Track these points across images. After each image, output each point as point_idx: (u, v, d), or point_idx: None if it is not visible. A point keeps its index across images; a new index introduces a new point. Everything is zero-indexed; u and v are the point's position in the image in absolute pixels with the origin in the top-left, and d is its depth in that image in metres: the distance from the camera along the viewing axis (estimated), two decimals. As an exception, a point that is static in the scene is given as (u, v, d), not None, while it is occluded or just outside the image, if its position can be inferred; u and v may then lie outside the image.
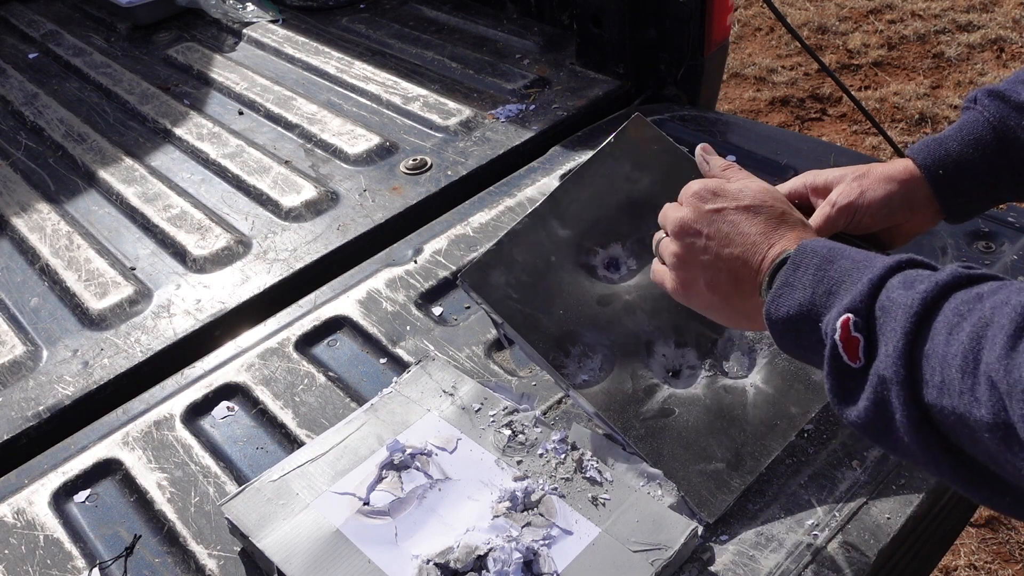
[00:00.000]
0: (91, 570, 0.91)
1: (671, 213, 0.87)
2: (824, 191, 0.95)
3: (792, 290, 0.70)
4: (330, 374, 1.12)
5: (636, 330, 0.99)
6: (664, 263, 0.88)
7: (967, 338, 0.56)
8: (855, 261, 0.69)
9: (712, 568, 0.85)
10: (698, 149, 0.95)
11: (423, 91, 1.73)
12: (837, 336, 0.63)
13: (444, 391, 1.02)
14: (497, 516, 0.87)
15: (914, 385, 0.58)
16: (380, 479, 0.92)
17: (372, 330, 1.17)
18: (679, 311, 0.98)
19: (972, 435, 0.55)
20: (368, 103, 1.73)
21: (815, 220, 0.94)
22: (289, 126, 1.67)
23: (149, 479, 1.00)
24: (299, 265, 1.32)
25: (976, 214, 0.94)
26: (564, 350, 0.99)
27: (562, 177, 1.44)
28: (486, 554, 0.83)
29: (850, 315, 0.63)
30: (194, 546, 0.92)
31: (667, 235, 0.87)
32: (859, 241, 0.95)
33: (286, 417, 1.06)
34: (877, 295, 0.63)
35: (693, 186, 0.87)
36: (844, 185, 0.93)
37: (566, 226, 1.04)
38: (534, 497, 0.89)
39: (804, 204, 0.98)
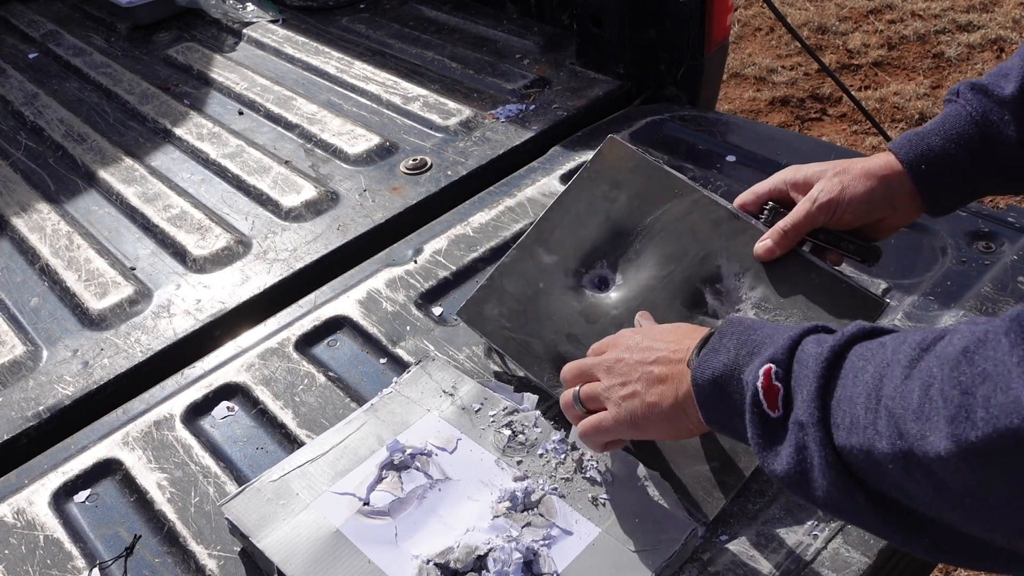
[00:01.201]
0: (91, 570, 0.91)
1: (585, 365, 0.87)
2: (804, 187, 0.95)
3: (717, 354, 0.71)
4: (330, 374, 1.12)
5: None
6: (582, 410, 0.86)
7: (870, 378, 0.57)
8: (776, 328, 0.71)
9: (712, 568, 0.85)
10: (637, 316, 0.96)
11: (423, 91, 1.73)
12: (759, 383, 0.65)
13: (444, 391, 1.02)
14: (497, 516, 0.87)
15: (827, 428, 0.59)
16: (380, 479, 0.92)
17: (372, 330, 1.17)
18: (666, 319, 0.99)
19: (878, 469, 0.56)
20: (368, 103, 1.73)
21: (795, 216, 0.94)
22: (289, 126, 1.67)
23: (149, 479, 1.00)
24: (299, 265, 1.32)
25: (959, 207, 0.94)
26: (559, 370, 0.99)
27: (562, 177, 1.44)
28: (486, 554, 0.83)
29: (771, 365, 0.65)
30: (194, 546, 0.92)
31: (578, 389, 0.86)
32: (844, 236, 0.95)
33: (286, 417, 1.06)
34: (795, 350, 0.65)
35: (616, 335, 0.88)
36: (825, 181, 0.93)
37: (552, 252, 1.08)
38: (534, 497, 0.89)
39: (785, 200, 0.98)
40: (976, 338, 0.50)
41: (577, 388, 0.87)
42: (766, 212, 0.98)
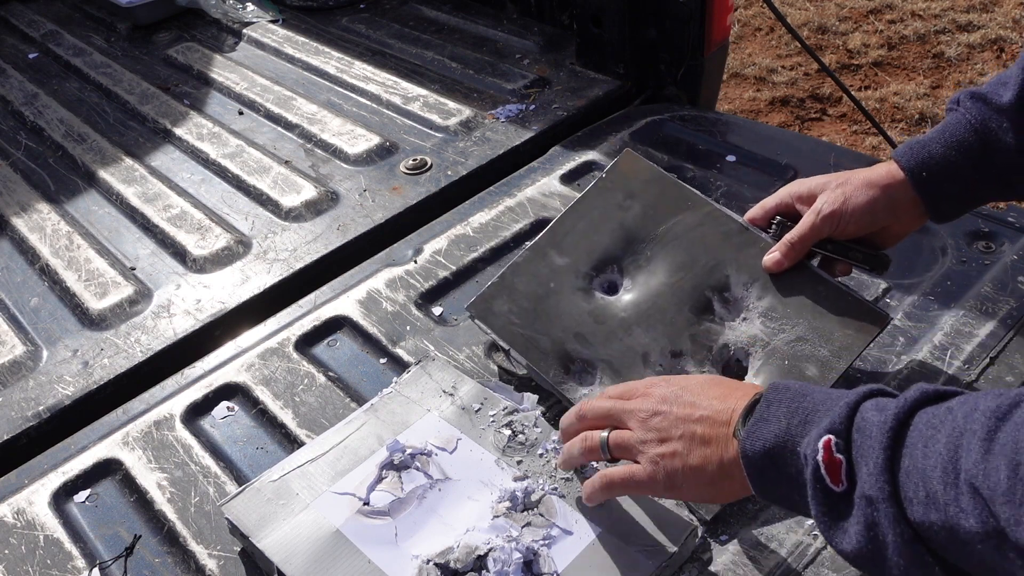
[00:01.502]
0: (91, 570, 0.91)
1: (615, 409, 0.82)
2: (809, 199, 0.96)
3: (767, 424, 0.68)
4: (330, 374, 1.12)
5: (632, 344, 1.02)
6: (607, 457, 0.82)
7: (944, 448, 0.55)
8: (827, 393, 0.68)
9: (712, 568, 0.85)
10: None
11: (423, 91, 1.73)
12: (820, 457, 0.61)
13: (444, 391, 1.02)
14: (497, 516, 0.87)
15: (899, 503, 0.57)
16: (380, 479, 0.92)
17: (372, 330, 1.17)
18: (674, 324, 1.01)
19: (964, 548, 0.54)
20: (368, 103, 1.73)
21: (801, 228, 0.96)
22: (289, 126, 1.67)
23: (149, 479, 1.00)
24: (299, 265, 1.32)
25: (961, 214, 0.95)
26: (564, 368, 1.01)
27: (562, 177, 1.44)
28: (486, 554, 0.83)
29: (831, 436, 0.62)
30: (194, 546, 0.92)
31: (610, 430, 0.82)
32: (852, 246, 0.96)
33: (286, 417, 1.06)
34: (854, 417, 0.62)
35: (643, 381, 0.83)
36: (828, 193, 0.94)
37: (564, 255, 1.09)
38: (534, 497, 0.89)
39: (791, 214, 0.99)
40: None
41: (606, 433, 0.82)
42: (774, 226, 1.01)
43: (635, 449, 0.79)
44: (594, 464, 0.90)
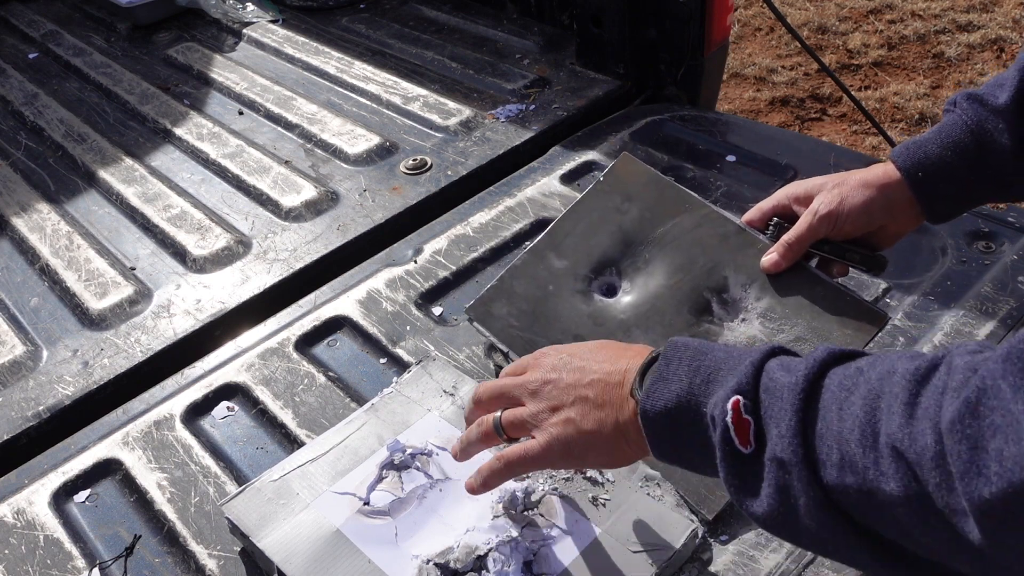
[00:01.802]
0: (91, 570, 0.91)
1: (506, 386, 0.79)
2: (806, 200, 0.97)
3: (667, 383, 0.66)
4: (330, 374, 1.12)
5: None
6: (503, 437, 0.79)
7: (860, 411, 0.54)
8: (728, 351, 0.66)
9: (712, 568, 0.85)
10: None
11: (423, 91, 1.73)
12: (729, 419, 0.60)
13: (444, 391, 1.02)
14: (497, 516, 0.87)
15: (812, 466, 0.56)
16: (380, 479, 0.92)
17: (372, 330, 1.17)
18: (673, 325, 1.01)
19: (881, 511, 0.53)
20: (368, 103, 1.73)
21: (798, 229, 0.96)
22: (289, 126, 1.67)
23: (149, 479, 1.00)
24: (299, 265, 1.32)
25: (958, 215, 0.95)
26: None
27: (562, 177, 1.44)
28: (486, 554, 0.83)
29: (739, 397, 0.60)
30: (194, 546, 0.92)
31: (503, 410, 0.79)
32: (848, 246, 0.96)
33: (286, 417, 1.06)
34: (760, 377, 0.61)
35: (536, 352, 0.81)
36: (824, 194, 0.94)
37: (562, 258, 1.09)
38: (534, 497, 0.89)
39: (788, 215, 1.00)
40: (976, 387, 0.47)
41: (498, 413, 0.79)
42: (771, 228, 1.01)
43: (528, 423, 0.76)
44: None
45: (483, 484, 0.80)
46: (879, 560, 0.55)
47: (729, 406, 0.60)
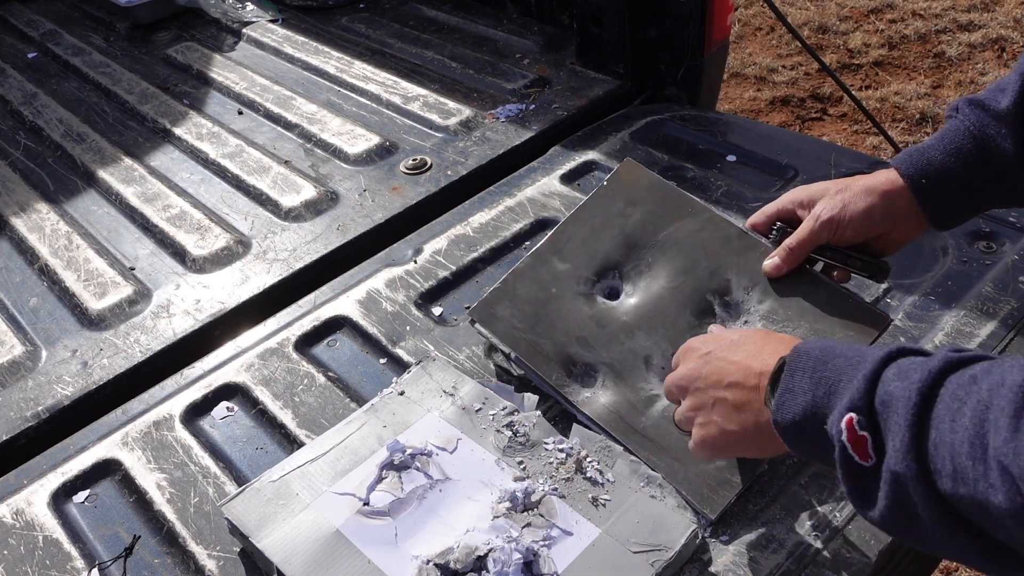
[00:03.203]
0: (90, 571, 0.91)
1: (672, 379, 0.88)
2: (809, 205, 0.97)
3: (793, 396, 0.70)
4: (330, 374, 1.12)
5: (634, 347, 1.02)
6: (686, 430, 0.87)
7: (970, 423, 0.55)
8: (848, 358, 0.68)
9: (712, 569, 0.85)
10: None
11: (423, 91, 1.73)
12: (844, 437, 0.63)
13: (444, 391, 1.02)
14: (497, 516, 0.87)
15: (928, 478, 0.58)
16: (380, 479, 0.92)
17: (372, 330, 1.17)
18: (675, 327, 1.02)
19: (993, 521, 0.55)
20: (368, 103, 1.73)
21: (800, 234, 0.97)
22: (289, 126, 1.67)
23: (148, 479, 1.00)
24: (299, 265, 1.32)
25: (962, 221, 0.95)
26: (567, 371, 1.02)
27: (562, 177, 1.44)
28: (486, 555, 0.83)
29: (852, 414, 0.63)
30: (194, 546, 0.92)
31: (679, 403, 0.88)
32: (852, 253, 0.96)
33: (286, 417, 1.06)
34: (875, 390, 0.63)
35: (685, 344, 0.88)
36: (827, 199, 0.95)
37: (565, 261, 1.10)
38: (534, 498, 0.89)
39: (792, 219, 1.00)
40: None
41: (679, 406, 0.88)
42: (774, 232, 1.01)
43: (688, 421, 0.84)
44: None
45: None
46: (994, 563, 0.58)
47: (843, 425, 0.63)
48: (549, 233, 1.13)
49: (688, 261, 1.05)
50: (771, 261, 0.99)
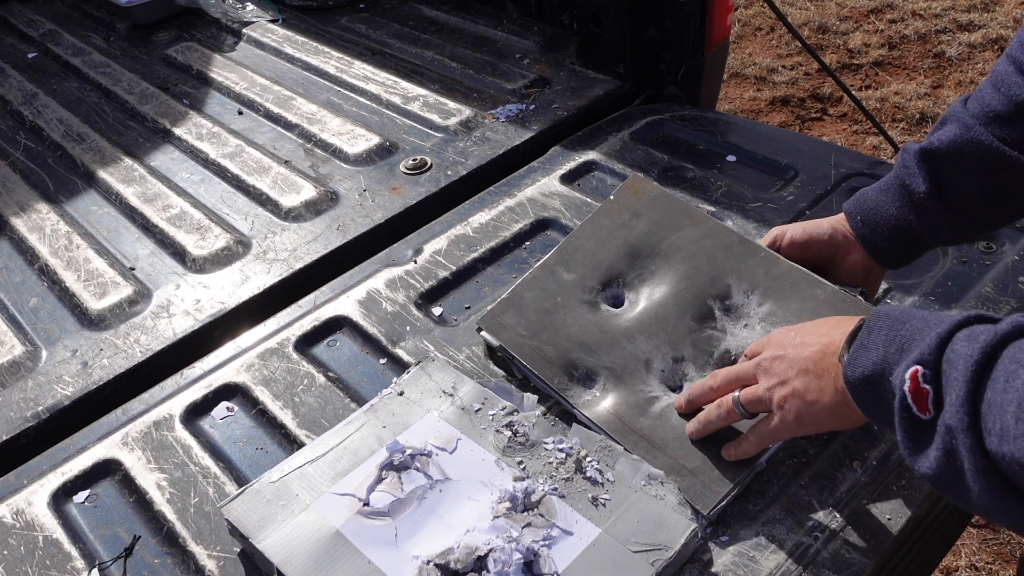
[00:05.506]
0: (90, 571, 0.91)
1: (742, 370, 0.89)
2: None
3: (867, 351, 0.71)
4: (330, 374, 1.12)
5: (635, 351, 1.03)
6: (743, 412, 0.88)
7: (1022, 385, 0.56)
8: (926, 320, 0.69)
9: (712, 569, 0.85)
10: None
11: (423, 91, 1.73)
12: (906, 387, 0.64)
13: (444, 391, 1.02)
14: (497, 516, 0.87)
15: (978, 434, 0.59)
16: (380, 480, 0.92)
17: (372, 330, 1.17)
18: (676, 331, 1.03)
19: None
20: (368, 103, 1.73)
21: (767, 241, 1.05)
22: (289, 126, 1.67)
23: (148, 480, 1.00)
24: (299, 265, 1.32)
25: (908, 259, 0.99)
26: (569, 375, 1.03)
27: (562, 177, 1.44)
28: (486, 555, 0.83)
29: (918, 367, 0.64)
30: (194, 547, 0.92)
31: (738, 394, 0.88)
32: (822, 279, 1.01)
33: (286, 418, 1.06)
34: (944, 348, 0.64)
35: (769, 335, 0.89)
36: (799, 225, 1.04)
37: (571, 271, 1.12)
38: (534, 497, 0.89)
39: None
40: None
41: (737, 393, 0.88)
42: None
43: (763, 399, 0.84)
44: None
45: (737, 456, 0.90)
46: None
47: (908, 375, 0.64)
48: (557, 245, 1.15)
49: (690, 268, 1.07)
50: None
